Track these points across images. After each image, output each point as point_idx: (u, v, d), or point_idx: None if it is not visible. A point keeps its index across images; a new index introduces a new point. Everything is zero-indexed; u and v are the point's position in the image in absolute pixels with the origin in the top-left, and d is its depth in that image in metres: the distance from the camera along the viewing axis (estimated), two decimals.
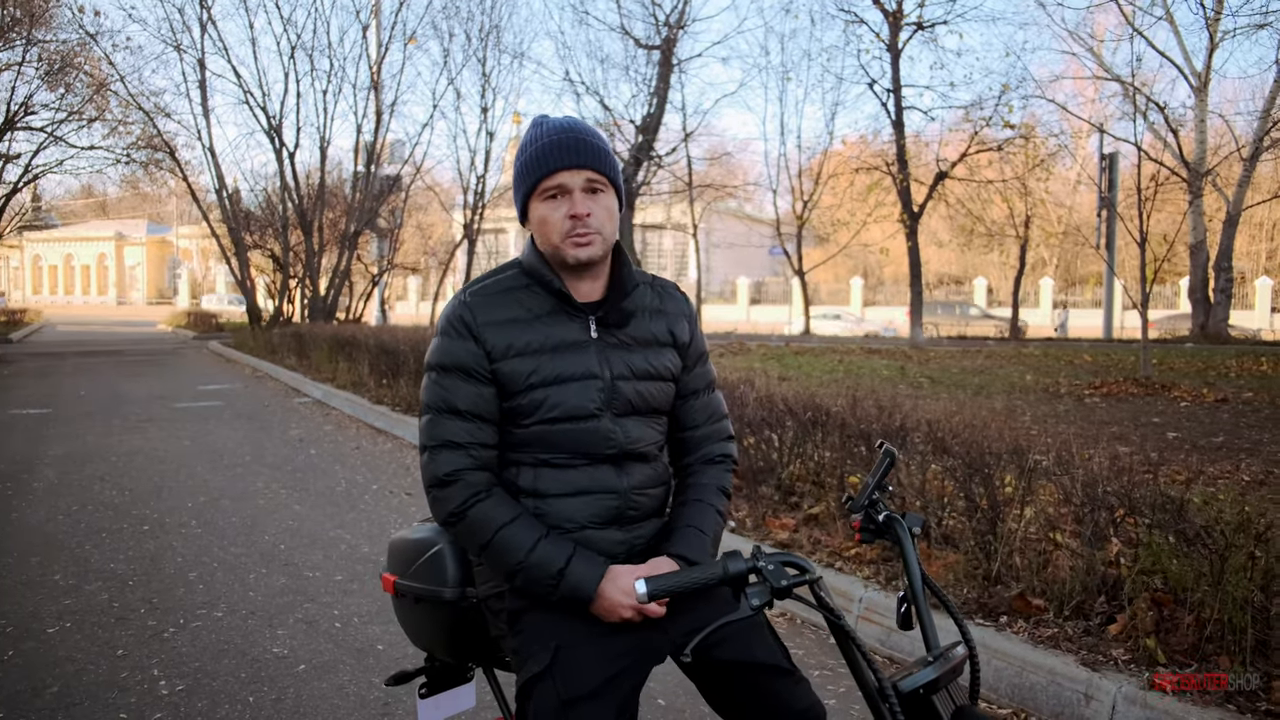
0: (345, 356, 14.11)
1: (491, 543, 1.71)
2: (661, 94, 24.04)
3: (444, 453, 1.75)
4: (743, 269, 48.56)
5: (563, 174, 1.75)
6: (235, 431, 10.10)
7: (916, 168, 22.78)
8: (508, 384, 1.77)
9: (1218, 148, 22.18)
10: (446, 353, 1.78)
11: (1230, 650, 3.10)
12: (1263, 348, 20.11)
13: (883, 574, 4.23)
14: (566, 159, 1.75)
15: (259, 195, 26.57)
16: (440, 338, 1.80)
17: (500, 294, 1.81)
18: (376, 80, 24.43)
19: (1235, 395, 10.85)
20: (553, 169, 1.75)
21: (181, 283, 67.02)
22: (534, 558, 1.68)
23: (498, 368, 1.76)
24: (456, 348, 1.77)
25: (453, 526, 1.76)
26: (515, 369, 1.76)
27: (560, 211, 1.76)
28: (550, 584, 1.68)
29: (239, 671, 3.64)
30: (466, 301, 1.80)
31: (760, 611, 1.46)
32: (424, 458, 1.78)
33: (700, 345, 1.98)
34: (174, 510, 6.36)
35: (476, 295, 1.81)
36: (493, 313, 1.78)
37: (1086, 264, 47.29)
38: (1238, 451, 7.19)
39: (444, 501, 1.75)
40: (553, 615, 1.72)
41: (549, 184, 1.76)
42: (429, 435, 1.78)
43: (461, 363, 1.77)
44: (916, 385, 12.14)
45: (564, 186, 1.76)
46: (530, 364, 1.76)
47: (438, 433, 1.76)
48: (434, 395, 1.79)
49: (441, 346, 1.79)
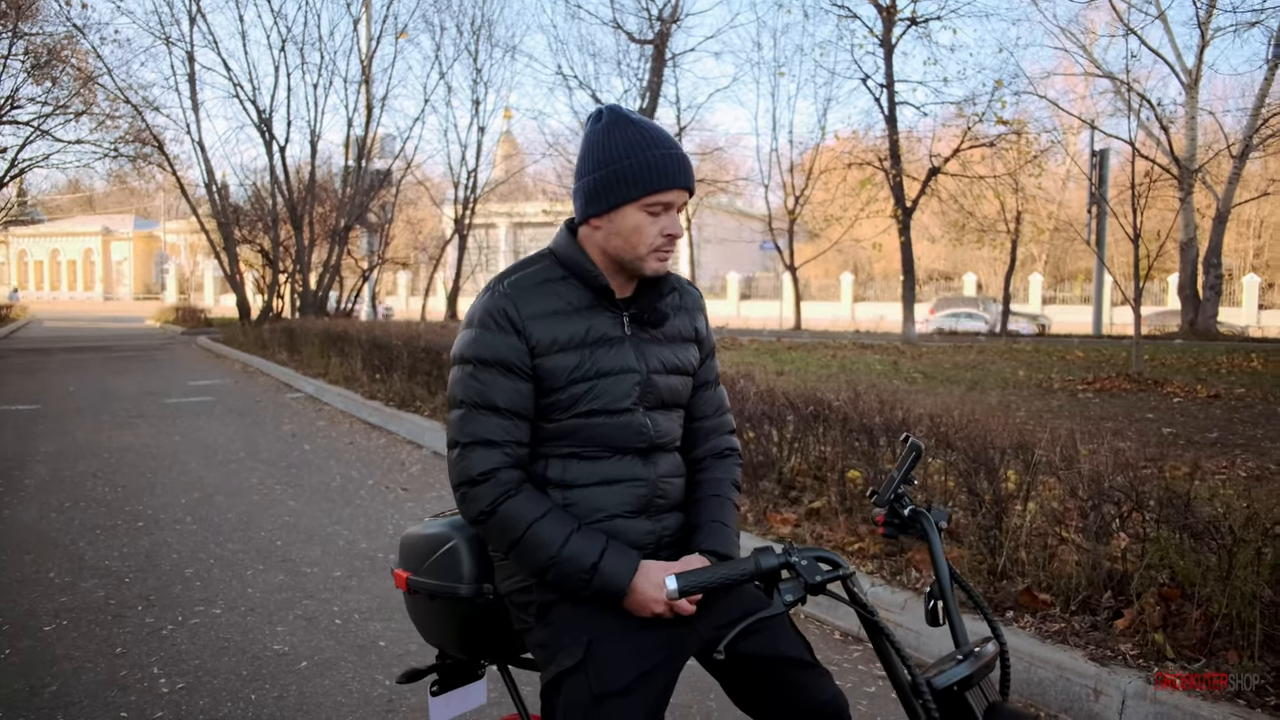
0: (337, 351, 14.04)
1: (523, 539, 1.68)
2: (654, 88, 24.02)
3: (478, 450, 1.71)
4: (733, 264, 48.59)
5: (673, 193, 1.73)
6: (227, 427, 10.04)
7: (909, 163, 22.79)
8: (548, 379, 1.73)
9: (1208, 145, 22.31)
10: (487, 346, 1.73)
11: (1238, 645, 3.09)
12: (1251, 344, 20.23)
13: (886, 569, 4.22)
14: (681, 179, 1.73)
15: (248, 190, 26.44)
16: (478, 330, 1.74)
17: (539, 285, 1.78)
18: (367, 74, 24.34)
19: (1227, 391, 10.89)
20: (668, 186, 1.72)
21: (169, 278, 66.64)
22: (566, 552, 1.66)
23: (540, 363, 1.73)
24: (498, 341, 1.72)
25: (482, 524, 1.73)
26: (559, 364, 1.73)
27: (657, 226, 1.74)
28: (584, 579, 1.66)
29: (240, 669, 3.60)
30: (507, 294, 1.75)
31: (793, 608, 1.44)
32: (454, 454, 1.74)
33: (711, 339, 2.01)
34: (168, 506, 6.30)
35: (516, 287, 1.76)
36: (535, 305, 1.74)
37: (1075, 260, 47.51)
38: (1233, 447, 7.21)
39: (475, 500, 1.71)
40: (584, 609, 1.70)
41: (659, 199, 1.72)
42: (461, 431, 1.73)
43: (503, 357, 1.72)
44: (910, 380, 12.15)
45: (669, 204, 1.74)
46: (574, 358, 1.74)
47: (472, 429, 1.72)
48: (469, 390, 1.73)
49: (480, 339, 1.74)
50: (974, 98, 22.31)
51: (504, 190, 33.60)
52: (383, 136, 26.27)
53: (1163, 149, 19.66)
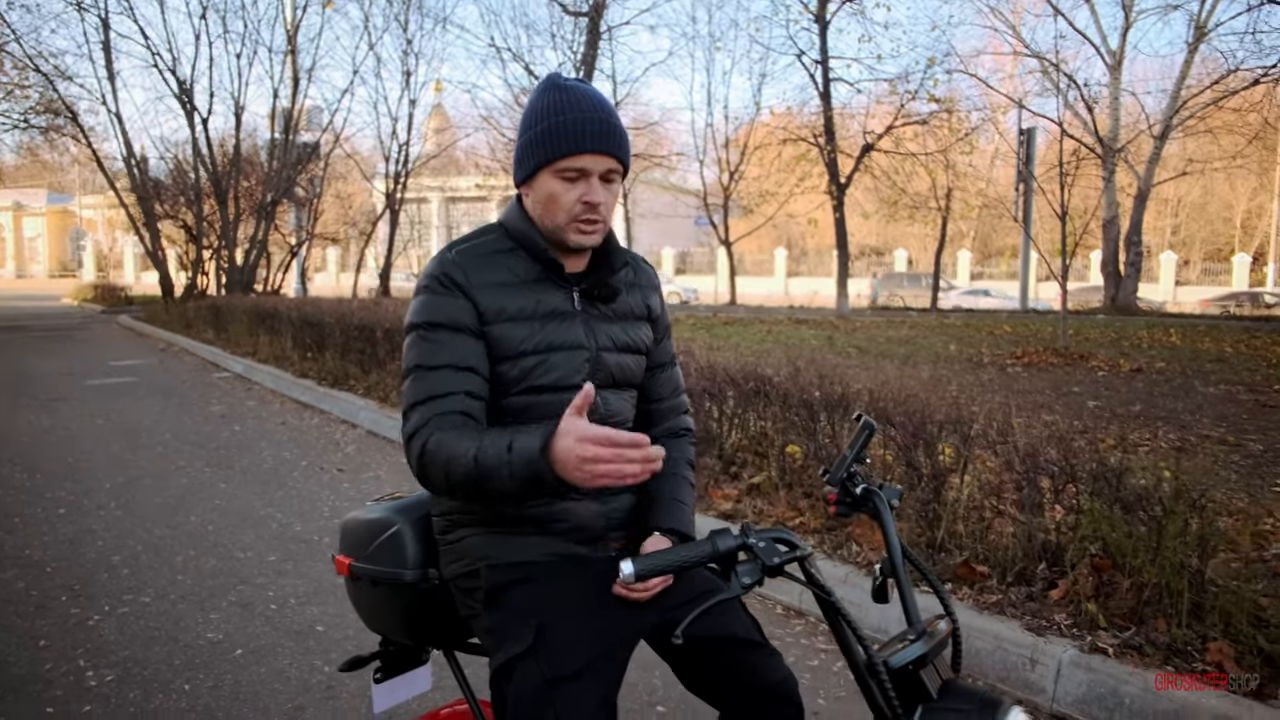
0: (266, 329, 13.72)
1: (448, 466, 1.57)
2: (589, 61, 23.79)
3: (422, 407, 1.63)
4: (668, 239, 48.59)
5: (588, 158, 1.66)
6: (152, 408, 9.74)
7: (843, 140, 22.98)
8: (497, 347, 1.68)
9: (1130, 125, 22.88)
10: (434, 308, 1.67)
11: (1167, 614, 3.18)
12: (1170, 319, 20.88)
13: (827, 543, 4.26)
14: (596, 143, 1.66)
15: (169, 163, 25.60)
16: (425, 295, 1.69)
17: (488, 255, 1.73)
18: (293, 44, 23.69)
19: (1149, 365, 11.24)
20: (579, 150, 1.65)
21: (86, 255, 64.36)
22: (482, 450, 1.53)
23: (489, 330, 1.67)
24: (446, 303, 1.67)
25: (422, 469, 1.62)
26: (508, 334, 1.68)
27: (574, 194, 1.68)
28: (504, 465, 1.51)
29: (172, 659, 3.50)
30: (455, 260, 1.70)
31: (750, 590, 1.42)
32: (405, 421, 1.66)
33: (666, 318, 1.97)
34: (91, 492, 6.09)
35: (464, 254, 1.72)
36: (483, 274, 1.70)
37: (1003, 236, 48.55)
38: (1155, 420, 7.43)
39: (415, 447, 1.61)
40: (534, 593, 1.66)
41: (571, 164, 1.66)
42: (411, 393, 1.66)
43: (451, 317, 1.66)
44: (845, 355, 12.28)
45: (585, 171, 1.67)
46: (523, 330, 1.69)
47: (420, 388, 1.65)
48: (419, 353, 1.67)
49: (428, 304, 1.68)
50: (907, 75, 22.56)
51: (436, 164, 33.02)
52: (310, 109, 25.61)
53: (1088, 129, 20.12)
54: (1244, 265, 39.35)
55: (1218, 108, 20.65)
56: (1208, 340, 14.71)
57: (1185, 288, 38.44)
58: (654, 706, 3.15)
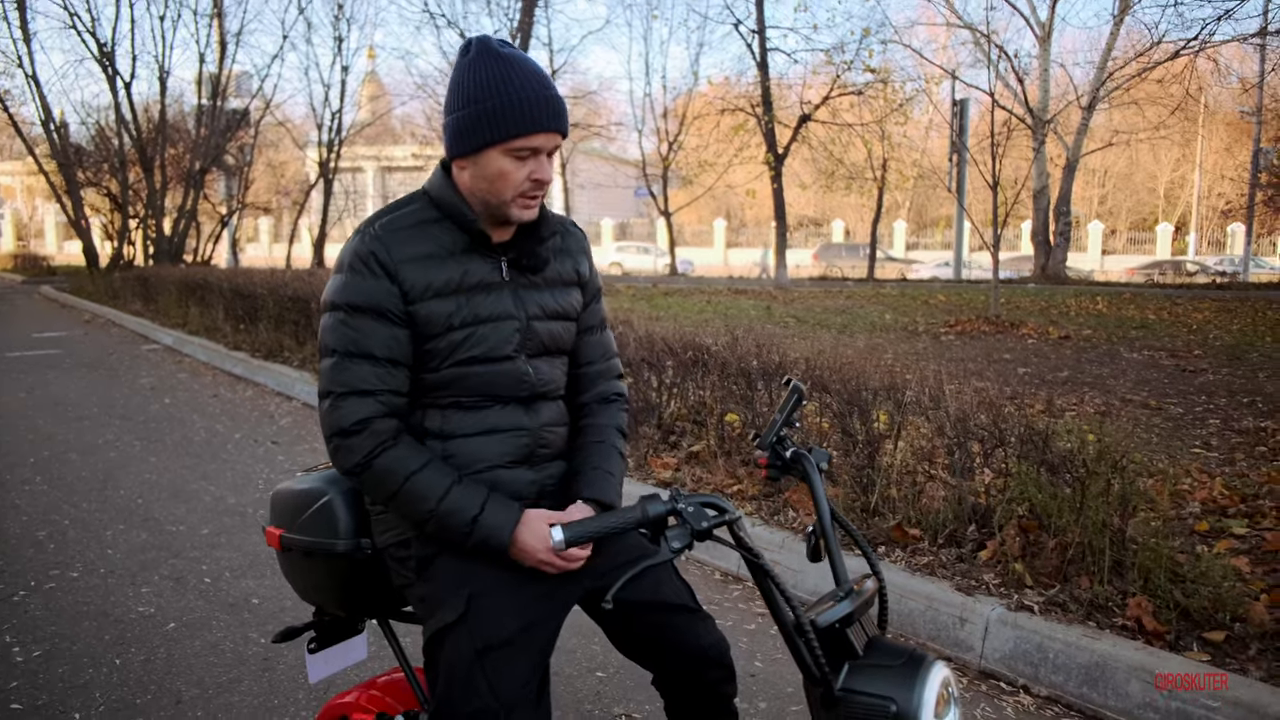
0: (197, 301, 13.40)
1: (400, 492, 1.62)
2: (525, 29, 23.48)
3: (350, 400, 1.62)
4: (608, 210, 48.39)
5: (541, 137, 1.63)
6: (78, 381, 9.48)
7: (780, 110, 23.05)
8: (424, 325, 1.65)
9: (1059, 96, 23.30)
10: (357, 291, 1.63)
11: (1090, 571, 3.30)
12: (1097, 288, 21.43)
13: (765, 509, 4.32)
14: (549, 122, 1.62)
15: (91, 129, 24.77)
16: (348, 274, 1.65)
17: (412, 228, 1.68)
18: (219, 6, 22.99)
19: (1076, 333, 11.53)
20: (534, 130, 1.61)
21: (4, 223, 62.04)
22: (446, 506, 1.61)
23: (415, 309, 1.64)
24: (369, 286, 1.63)
25: (357, 477, 1.66)
26: (435, 310, 1.65)
27: (523, 172, 1.64)
28: (464, 532, 1.61)
29: (102, 633, 3.44)
30: (378, 236, 1.65)
31: (680, 554, 1.44)
32: (325, 405, 1.65)
33: (597, 281, 1.94)
34: (14, 466, 5.92)
35: (387, 229, 1.67)
36: (407, 248, 1.65)
37: (937, 207, 49.24)
38: (1082, 385, 7.64)
39: (348, 451, 1.63)
40: (465, 562, 1.66)
41: (525, 143, 1.62)
42: (334, 380, 1.64)
43: (375, 302, 1.63)
44: (784, 324, 12.41)
45: (537, 149, 1.64)
46: (450, 304, 1.66)
47: (344, 378, 1.63)
48: (340, 337, 1.64)
49: (350, 284, 1.64)
50: (843, 45, 22.73)
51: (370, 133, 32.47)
52: (239, 74, 24.93)
53: (1018, 100, 20.44)
54: (1167, 234, 40.49)
55: (1142, 79, 21.11)
56: (1132, 308, 15.14)
57: (1112, 256, 39.43)
58: (594, 672, 3.18)
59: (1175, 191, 49.64)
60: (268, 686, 3.06)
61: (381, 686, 2.05)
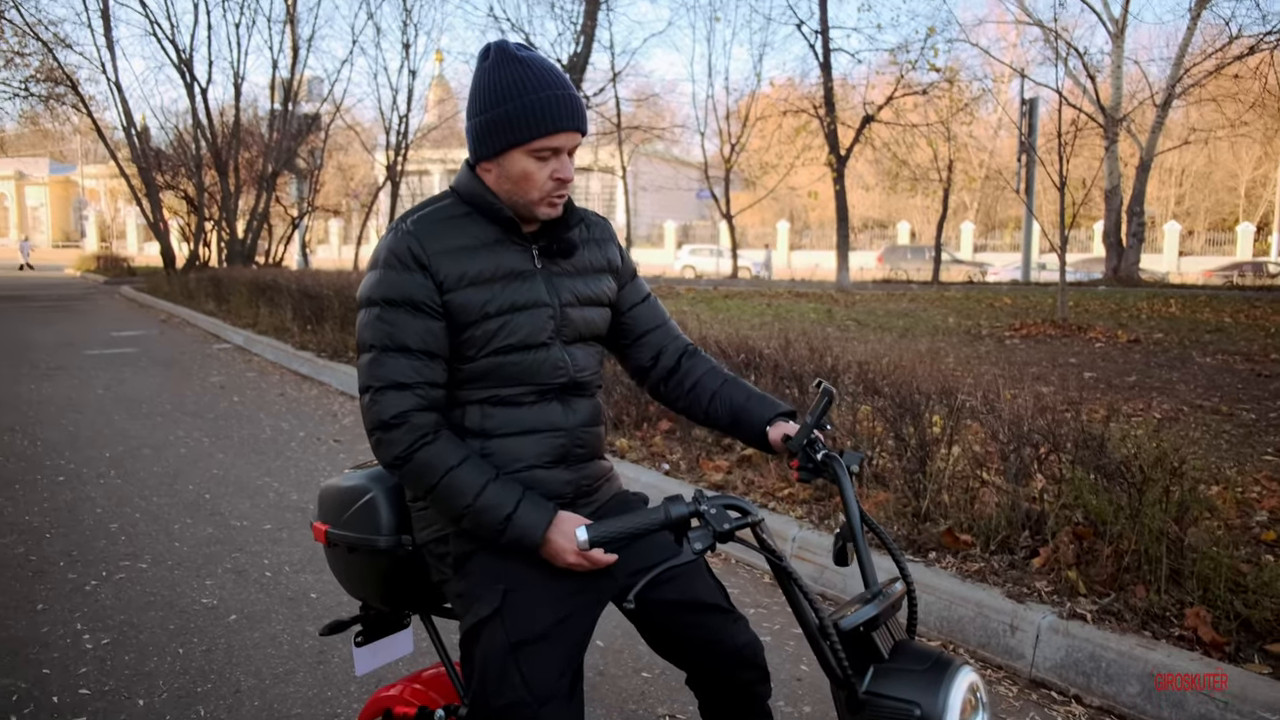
0: (266, 301, 13.75)
1: (439, 486, 1.66)
2: (589, 32, 23.62)
3: (389, 394, 1.67)
4: (670, 212, 48.44)
5: (561, 136, 1.67)
6: (153, 378, 9.80)
7: (843, 111, 22.85)
8: (460, 315, 1.69)
9: (1133, 94, 22.69)
10: (392, 285, 1.68)
11: (1146, 579, 3.23)
12: (1171, 290, 20.84)
13: (815, 513, 4.31)
14: (569, 122, 1.67)
15: (170, 133, 25.55)
16: (383, 270, 1.69)
17: (444, 221, 1.73)
18: (292, 13, 23.59)
19: (1147, 336, 11.24)
20: (554, 130, 1.66)
21: (89, 225, 64.26)
22: (482, 500, 1.64)
23: (450, 299, 1.68)
24: (404, 280, 1.67)
25: (398, 470, 1.70)
26: (469, 299, 1.69)
27: (546, 171, 1.69)
28: (498, 529, 1.64)
29: (167, 623, 3.56)
30: (411, 231, 1.70)
31: (702, 555, 1.45)
32: (365, 399, 1.70)
33: (630, 264, 1.99)
34: (91, 460, 6.16)
35: (420, 223, 1.71)
36: (441, 240, 1.70)
37: (1006, 208, 48.31)
38: (1150, 390, 7.45)
39: (389, 445, 1.67)
40: (500, 558, 1.69)
41: (547, 144, 1.66)
42: (372, 375, 1.68)
43: (410, 296, 1.67)
44: (844, 328, 12.30)
45: (559, 148, 1.68)
46: (485, 293, 1.70)
47: (382, 373, 1.67)
48: (378, 332, 1.68)
49: (385, 279, 1.68)
50: (907, 45, 22.40)
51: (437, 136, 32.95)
52: (310, 79, 25.56)
53: (1089, 98, 19.98)
54: (1248, 234, 39.13)
55: (1220, 75, 20.46)
56: (1208, 310, 14.69)
57: (1189, 258, 38.24)
58: (639, 673, 3.21)
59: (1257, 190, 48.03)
60: (321, 678, 3.15)
61: (424, 680, 2.09)
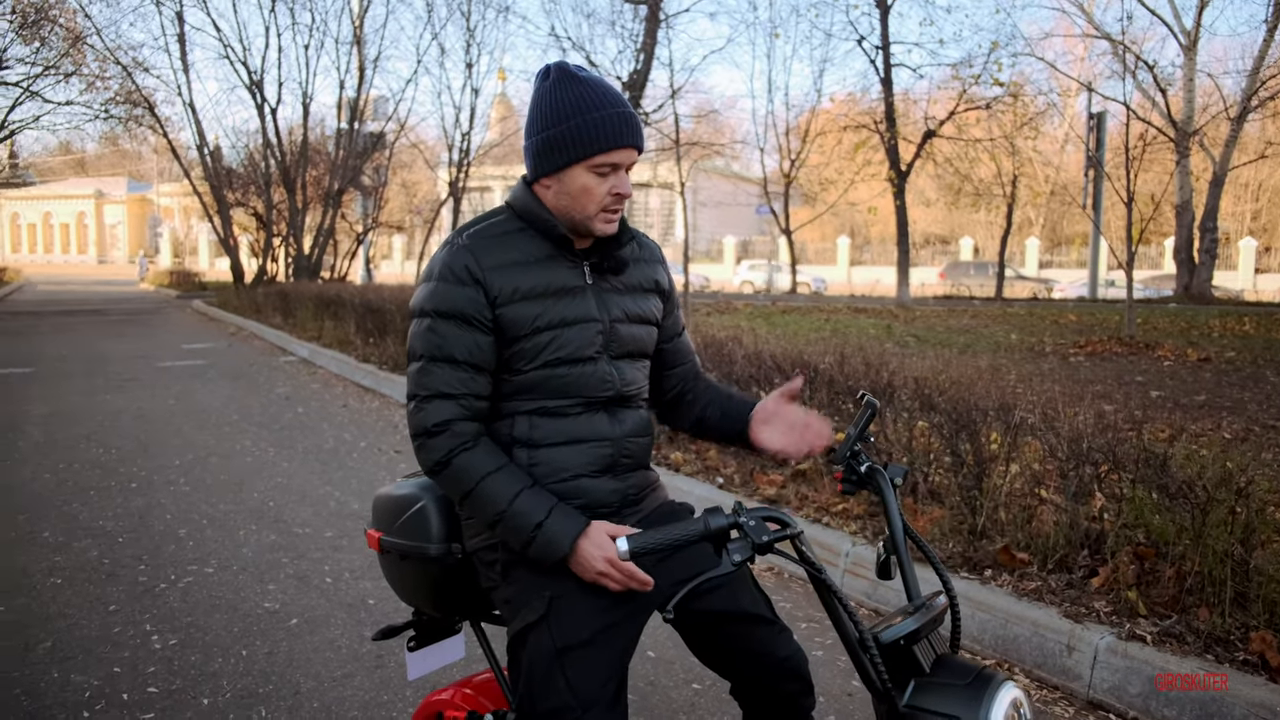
0: (331, 315, 14.05)
1: (474, 492, 1.70)
2: (648, 50, 23.73)
3: (435, 402, 1.72)
4: (729, 228, 48.38)
5: (620, 152, 1.71)
6: (221, 390, 10.07)
7: (904, 126, 22.67)
8: (510, 329, 1.73)
9: (1205, 107, 22.15)
10: (444, 298, 1.72)
11: (1209, 602, 3.15)
12: (1245, 308, 20.25)
13: (869, 529, 4.28)
14: (628, 138, 1.71)
15: (241, 152, 26.30)
16: (436, 283, 1.74)
17: (498, 237, 1.78)
18: (359, 34, 24.10)
19: (1218, 355, 10.94)
20: (615, 146, 1.70)
21: (163, 241, 66.27)
22: (514, 509, 1.67)
23: (501, 313, 1.72)
24: (456, 293, 1.72)
25: (437, 475, 1.74)
26: (521, 313, 1.73)
27: (605, 187, 1.73)
28: (528, 537, 1.67)
29: (231, 626, 3.67)
30: (465, 245, 1.75)
31: (741, 567, 1.46)
32: (411, 406, 1.75)
33: (675, 291, 2.04)
34: (161, 468, 6.35)
35: (475, 238, 1.76)
36: (495, 256, 1.74)
37: (1072, 224, 47.35)
38: (1219, 410, 7.26)
39: (430, 450, 1.72)
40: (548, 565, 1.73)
41: (607, 160, 1.71)
42: (419, 384, 1.73)
43: (461, 309, 1.71)
44: (903, 344, 12.18)
45: (617, 164, 1.73)
46: (536, 308, 1.74)
47: (429, 382, 1.72)
48: (427, 343, 1.73)
49: (439, 292, 1.73)
50: (970, 60, 22.17)
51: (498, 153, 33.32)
52: (375, 98, 26.05)
53: (1160, 111, 19.56)
54: None
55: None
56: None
57: (1266, 275, 37.09)
58: (690, 684, 3.22)
59: None
60: (378, 683, 3.21)
61: (475, 685, 2.13)
